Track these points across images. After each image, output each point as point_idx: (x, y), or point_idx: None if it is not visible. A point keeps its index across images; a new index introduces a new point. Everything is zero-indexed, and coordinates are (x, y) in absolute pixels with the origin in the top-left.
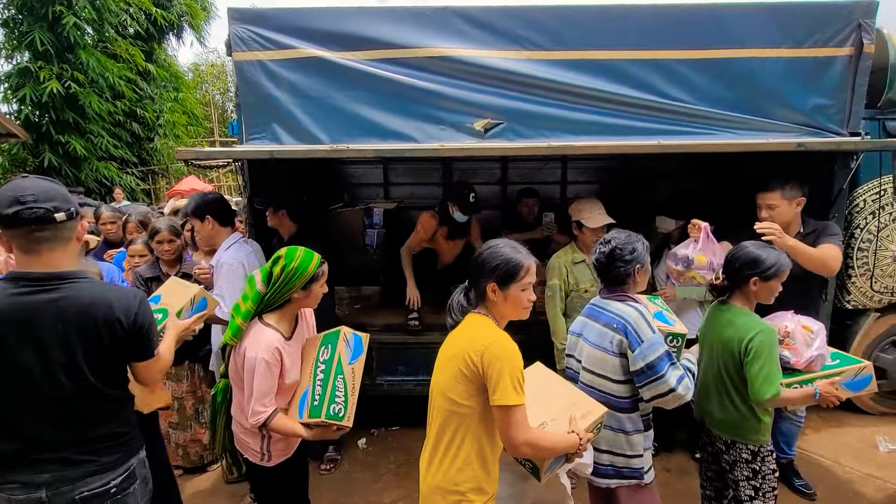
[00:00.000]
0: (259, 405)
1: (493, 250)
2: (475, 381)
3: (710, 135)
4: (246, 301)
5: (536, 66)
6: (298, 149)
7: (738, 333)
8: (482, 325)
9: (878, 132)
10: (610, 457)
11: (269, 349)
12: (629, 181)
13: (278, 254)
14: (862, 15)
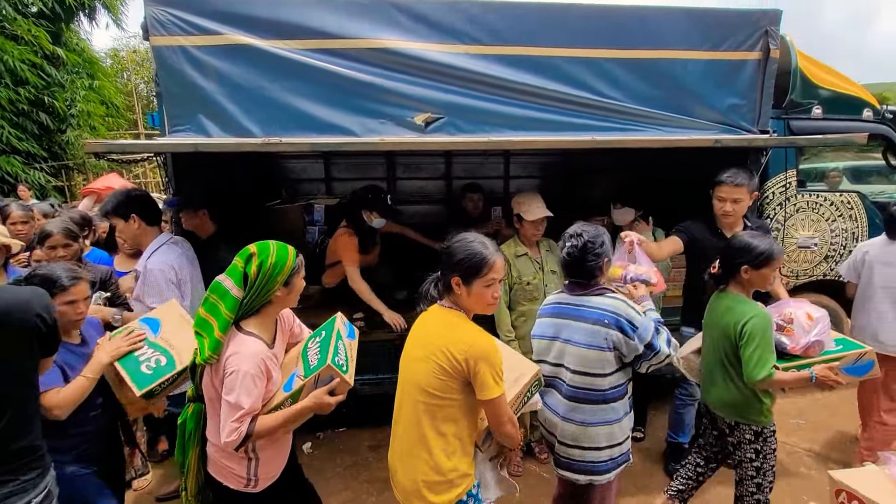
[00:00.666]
0: (239, 422)
1: (461, 243)
2: (459, 377)
3: (639, 131)
4: (216, 314)
5: (475, 60)
6: (227, 142)
7: (734, 318)
8: (458, 322)
9: (784, 130)
10: (608, 451)
11: (255, 362)
12: (570, 175)
13: (248, 251)
14: (768, 23)
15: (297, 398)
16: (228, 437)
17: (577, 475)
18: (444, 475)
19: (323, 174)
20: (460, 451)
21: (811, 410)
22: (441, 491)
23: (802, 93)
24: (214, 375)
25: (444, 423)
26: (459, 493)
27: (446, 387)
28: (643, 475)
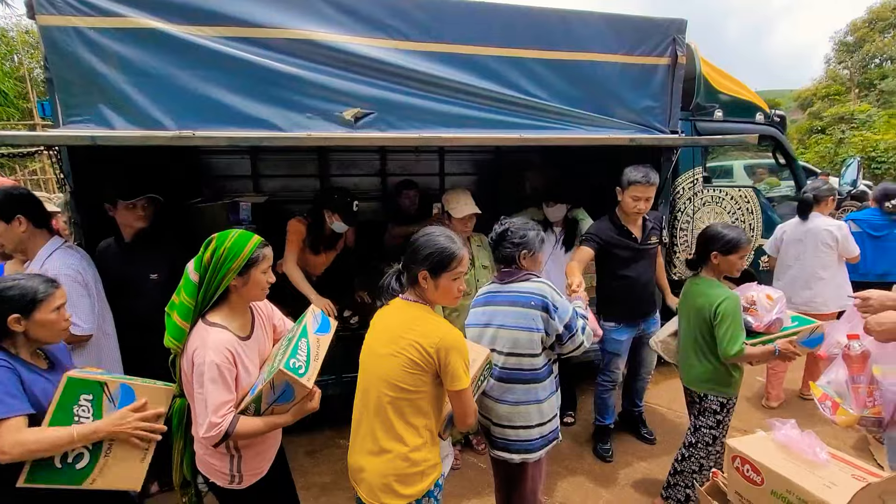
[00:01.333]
0: (216, 416)
1: (428, 237)
2: (430, 370)
3: (563, 129)
4: (179, 294)
5: (405, 56)
6: (131, 135)
7: (708, 301)
8: (425, 316)
9: (691, 131)
10: (539, 429)
11: (219, 350)
12: (503, 172)
13: (209, 238)
14: (675, 31)
15: (259, 402)
16: (206, 434)
17: (512, 454)
18: (417, 466)
19: (250, 171)
20: (430, 442)
21: None
22: (414, 482)
23: (706, 97)
24: (186, 367)
25: (415, 416)
26: (430, 482)
27: (418, 380)
28: (572, 457)
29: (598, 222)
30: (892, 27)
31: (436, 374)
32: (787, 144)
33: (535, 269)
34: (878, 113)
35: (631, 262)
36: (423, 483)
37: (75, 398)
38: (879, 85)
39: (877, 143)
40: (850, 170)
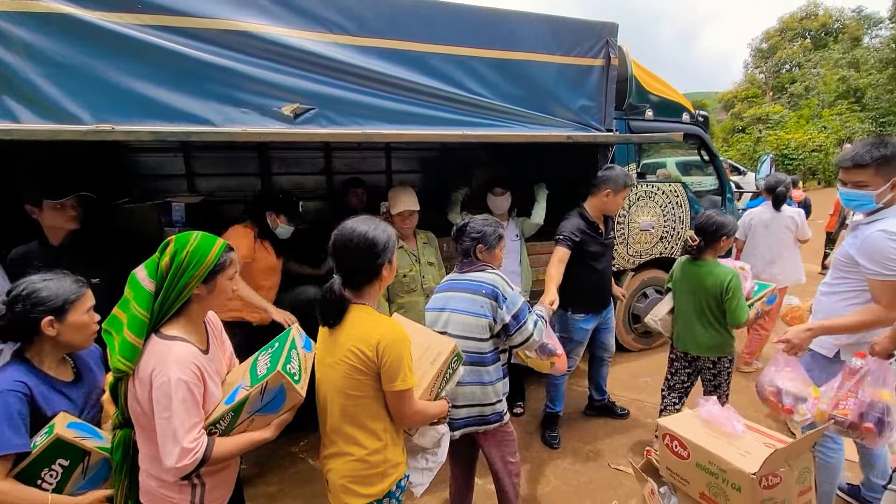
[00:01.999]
0: (189, 441)
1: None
2: (371, 373)
3: (505, 127)
4: (126, 308)
5: (346, 51)
6: (39, 129)
7: (718, 279)
8: (364, 318)
9: (625, 129)
10: (479, 409)
11: (185, 366)
12: (449, 170)
13: (166, 241)
14: (608, 34)
15: (239, 411)
16: (179, 463)
17: (454, 432)
18: (376, 468)
19: (184, 169)
20: (391, 444)
21: (657, 371)
22: (373, 483)
23: (637, 97)
24: (139, 392)
25: (371, 419)
26: (390, 482)
27: (363, 385)
28: (521, 446)
29: (571, 220)
30: (799, 36)
31: (378, 375)
32: (710, 143)
33: (492, 263)
34: (788, 114)
35: (600, 256)
36: (382, 483)
37: (52, 460)
38: (790, 88)
39: (788, 141)
40: (765, 165)
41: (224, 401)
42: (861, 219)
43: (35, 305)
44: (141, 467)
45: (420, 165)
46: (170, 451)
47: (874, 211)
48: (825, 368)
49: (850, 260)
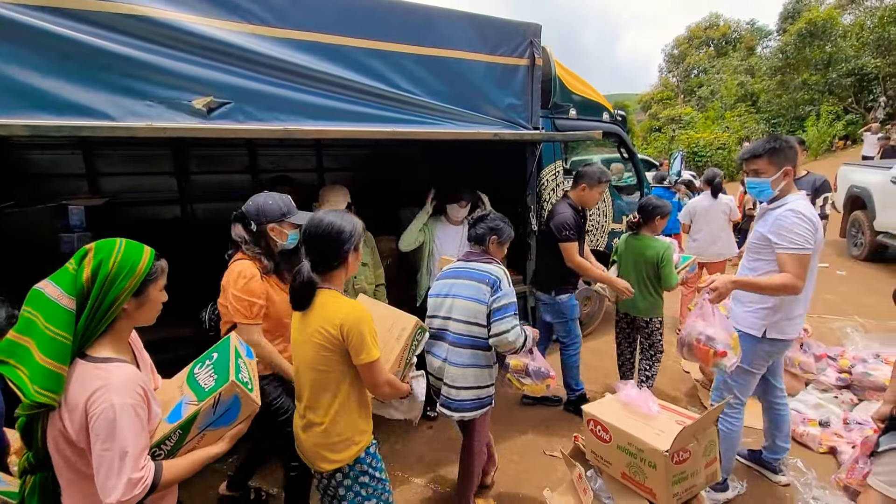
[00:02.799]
0: (136, 471)
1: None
2: (337, 350)
3: (434, 124)
4: (33, 332)
5: (264, 43)
6: None
7: (656, 251)
8: (329, 301)
9: (551, 128)
10: (476, 391)
11: (130, 389)
12: (382, 167)
13: (84, 250)
14: (532, 35)
15: (189, 428)
16: (127, 496)
17: (452, 413)
18: (342, 435)
19: (83, 168)
20: (356, 413)
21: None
22: (341, 449)
23: (562, 96)
24: (69, 425)
25: (339, 392)
26: (359, 449)
27: (330, 361)
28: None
29: (565, 214)
30: (704, 44)
31: (345, 350)
32: (628, 141)
33: (497, 257)
34: (697, 115)
35: (583, 241)
36: (349, 451)
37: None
38: (698, 92)
39: (697, 140)
40: (676, 162)
41: (165, 418)
42: (766, 206)
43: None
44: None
45: (353, 163)
46: (113, 484)
47: (775, 198)
48: (750, 347)
49: (763, 240)
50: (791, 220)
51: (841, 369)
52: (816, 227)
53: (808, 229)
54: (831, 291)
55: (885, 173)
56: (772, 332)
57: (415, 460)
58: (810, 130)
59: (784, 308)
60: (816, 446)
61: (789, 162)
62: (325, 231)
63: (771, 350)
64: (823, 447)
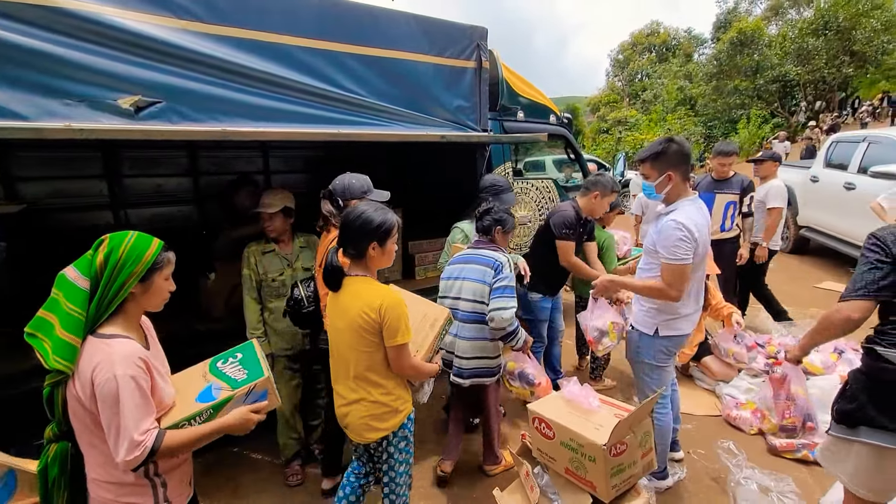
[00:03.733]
0: (138, 434)
1: (366, 214)
2: (375, 332)
3: (382, 126)
4: (56, 309)
5: (198, 39)
6: None
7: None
8: (367, 287)
9: (499, 130)
10: (483, 360)
11: (130, 362)
12: (335, 169)
13: (100, 239)
14: (478, 38)
15: (219, 409)
16: (128, 456)
17: (464, 380)
18: (389, 405)
19: None
20: (401, 386)
21: None
22: (388, 418)
23: (509, 99)
24: (81, 393)
25: (382, 369)
26: (402, 416)
27: (371, 342)
28: None
29: (567, 213)
30: (646, 50)
31: (381, 332)
32: (574, 142)
33: (503, 245)
34: (641, 118)
35: (579, 247)
36: (395, 418)
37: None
38: (642, 95)
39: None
40: (619, 163)
41: (196, 398)
42: (661, 209)
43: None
44: (92, 479)
45: (304, 165)
46: (119, 444)
47: (668, 202)
48: (649, 344)
49: (653, 246)
50: (671, 231)
51: (769, 355)
52: (696, 236)
53: (685, 240)
54: None
55: (805, 173)
56: (664, 330)
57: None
58: (742, 132)
59: (669, 309)
60: (748, 428)
61: (673, 167)
62: (354, 220)
63: (668, 345)
64: (754, 429)
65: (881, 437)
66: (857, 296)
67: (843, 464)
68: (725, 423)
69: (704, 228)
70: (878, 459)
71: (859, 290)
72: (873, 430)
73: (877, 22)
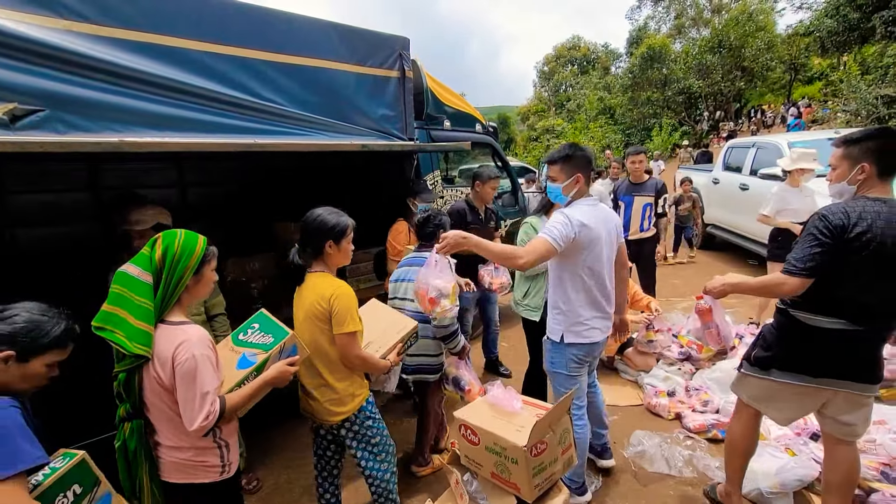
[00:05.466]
0: (212, 405)
1: (321, 217)
2: (327, 321)
3: (303, 135)
4: (124, 303)
5: (84, 41)
6: None
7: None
8: (323, 280)
9: (426, 139)
10: (426, 359)
11: (205, 343)
12: (256, 181)
13: (154, 238)
14: (401, 47)
15: (260, 370)
16: (203, 421)
17: (408, 376)
18: (345, 391)
19: None
20: (355, 375)
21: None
22: (346, 403)
23: (435, 108)
24: (162, 372)
25: (336, 355)
26: (359, 402)
27: (325, 330)
28: None
29: (455, 208)
30: (569, 63)
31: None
32: (500, 150)
33: None
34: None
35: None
36: (353, 402)
37: (69, 484)
38: (567, 105)
39: None
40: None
41: (235, 367)
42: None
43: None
44: (168, 446)
45: (222, 177)
46: (195, 416)
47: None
48: (559, 353)
49: None
50: (555, 217)
51: (682, 344)
52: (576, 229)
53: (564, 225)
54: (677, 277)
55: (709, 175)
56: (569, 337)
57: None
58: (655, 139)
59: (571, 315)
60: (666, 414)
61: (581, 170)
62: (311, 222)
63: (577, 353)
64: (671, 414)
65: (790, 377)
66: (804, 274)
67: (747, 388)
68: (647, 412)
69: (596, 229)
70: (783, 391)
71: (807, 269)
72: (785, 372)
73: (761, 42)
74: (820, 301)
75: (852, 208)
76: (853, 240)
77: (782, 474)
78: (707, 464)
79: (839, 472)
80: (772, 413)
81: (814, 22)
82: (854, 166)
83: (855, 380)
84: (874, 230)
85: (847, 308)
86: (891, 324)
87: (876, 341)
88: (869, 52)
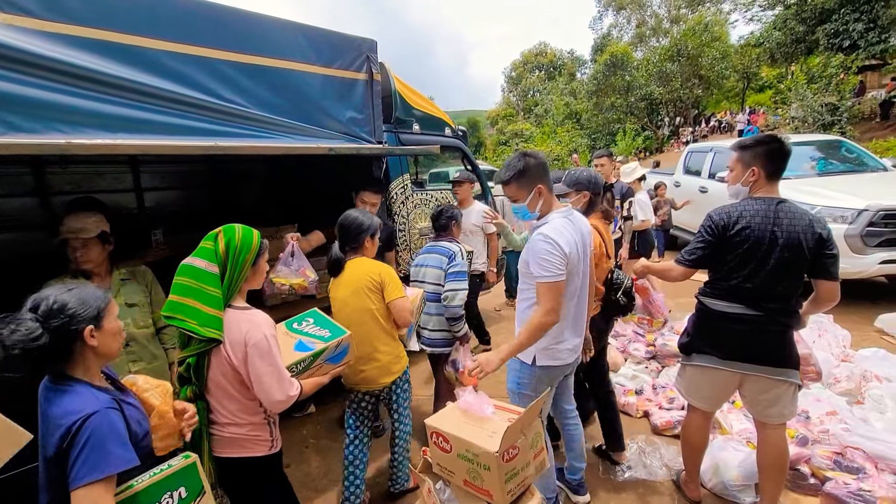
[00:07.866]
0: (288, 381)
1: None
2: (378, 290)
3: (267, 138)
4: (193, 293)
5: (26, 37)
6: None
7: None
8: (366, 261)
9: (396, 142)
10: (442, 333)
11: (270, 324)
12: (220, 185)
13: (214, 232)
14: (368, 50)
15: (318, 357)
16: (292, 392)
17: (426, 347)
18: (393, 355)
19: None
20: (396, 340)
21: None
22: (394, 366)
23: (403, 112)
24: (234, 354)
25: (384, 331)
26: (404, 363)
27: (377, 298)
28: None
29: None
30: (536, 69)
31: (381, 292)
32: (469, 154)
33: (456, 236)
34: (535, 130)
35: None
36: (399, 364)
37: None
38: (534, 110)
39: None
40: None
41: (294, 348)
42: (535, 224)
43: (72, 317)
44: (223, 423)
45: (182, 181)
46: (281, 386)
47: (540, 217)
48: (529, 374)
49: (526, 266)
50: (538, 244)
51: (648, 343)
52: (565, 251)
53: (556, 254)
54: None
55: (671, 178)
56: (541, 359)
57: None
58: (620, 144)
59: (547, 337)
60: (635, 412)
61: (539, 180)
62: (348, 223)
63: (547, 375)
64: (640, 412)
65: (704, 360)
66: (687, 264)
67: (681, 381)
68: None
69: (578, 246)
70: (701, 376)
71: (690, 261)
72: (700, 355)
73: (716, 51)
74: (721, 289)
75: (734, 209)
76: (734, 235)
77: (744, 466)
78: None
79: (770, 455)
80: (698, 402)
81: (763, 34)
82: (747, 169)
83: (761, 363)
84: (752, 226)
85: (741, 294)
86: (784, 308)
87: (774, 325)
88: (814, 62)
